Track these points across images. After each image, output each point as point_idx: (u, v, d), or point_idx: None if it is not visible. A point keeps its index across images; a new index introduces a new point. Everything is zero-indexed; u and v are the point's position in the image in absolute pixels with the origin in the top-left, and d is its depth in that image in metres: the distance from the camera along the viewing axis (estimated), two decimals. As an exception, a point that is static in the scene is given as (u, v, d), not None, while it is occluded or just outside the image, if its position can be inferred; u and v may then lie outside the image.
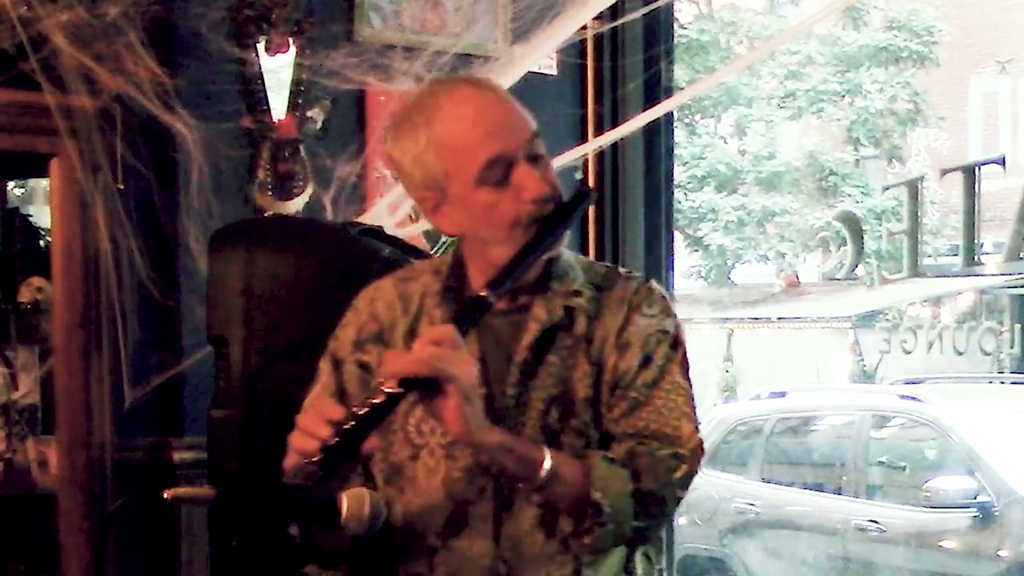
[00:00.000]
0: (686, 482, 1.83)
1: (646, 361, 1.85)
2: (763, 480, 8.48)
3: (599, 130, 3.63)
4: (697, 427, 1.86)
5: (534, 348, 1.84)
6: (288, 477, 1.69)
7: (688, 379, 1.88)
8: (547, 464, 1.73)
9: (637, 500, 1.77)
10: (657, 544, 1.97)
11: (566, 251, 1.92)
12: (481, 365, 1.82)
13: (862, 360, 14.93)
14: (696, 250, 16.02)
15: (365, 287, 1.98)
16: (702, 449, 1.86)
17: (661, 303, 1.90)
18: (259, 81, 3.12)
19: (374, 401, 1.67)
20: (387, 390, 1.67)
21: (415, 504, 1.86)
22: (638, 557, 1.91)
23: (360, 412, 1.67)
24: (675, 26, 4.29)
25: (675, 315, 1.91)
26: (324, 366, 1.94)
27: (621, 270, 1.95)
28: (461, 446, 1.80)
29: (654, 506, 1.80)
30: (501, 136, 1.79)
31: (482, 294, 1.78)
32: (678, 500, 1.84)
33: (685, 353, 1.90)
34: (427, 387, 1.67)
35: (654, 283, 1.93)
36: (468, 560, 1.83)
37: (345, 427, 1.66)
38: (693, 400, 1.88)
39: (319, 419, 1.68)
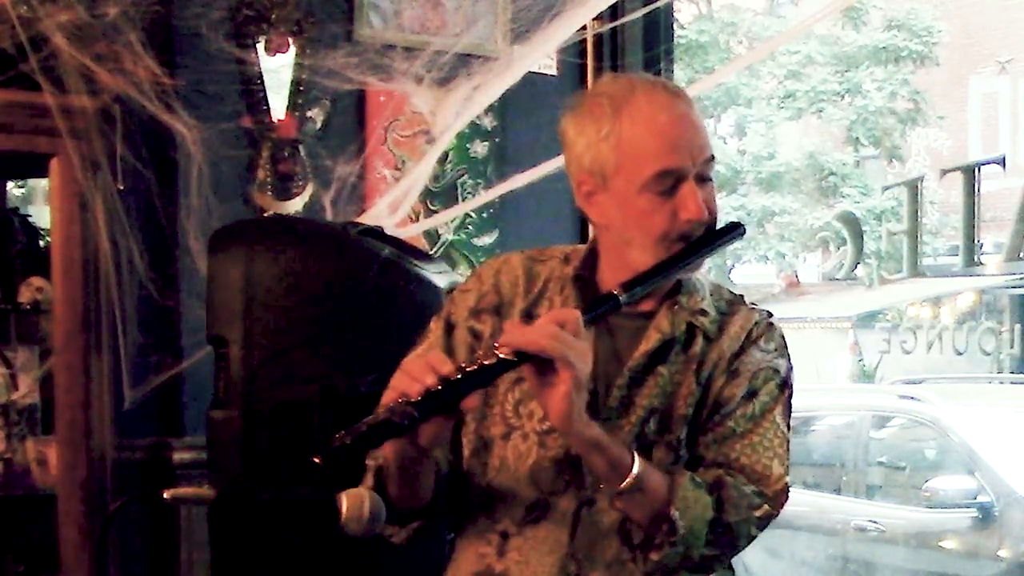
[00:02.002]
0: (765, 523, 1.82)
1: (751, 394, 1.85)
2: (763, 480, 8.46)
3: (599, 130, 3.63)
4: (787, 471, 1.85)
5: (649, 357, 1.84)
6: (378, 412, 1.65)
7: (789, 424, 1.88)
8: (635, 471, 1.72)
9: (713, 529, 1.76)
10: (729, 573, 1.95)
11: (700, 270, 1.92)
12: (594, 361, 1.80)
13: (862, 360, 14.94)
14: (696, 250, 15.99)
15: (493, 259, 1.98)
16: (787, 494, 1.86)
17: (779, 341, 1.91)
18: (259, 81, 3.12)
19: (485, 363, 1.67)
20: (501, 355, 1.66)
21: (498, 484, 1.85)
22: None
23: (469, 369, 1.67)
24: (675, 26, 4.29)
25: (789, 357, 1.91)
26: (435, 326, 1.93)
27: (748, 301, 1.95)
28: (556, 434, 1.79)
29: (728, 538, 1.79)
30: (681, 151, 1.79)
31: (615, 292, 1.78)
32: (752, 538, 1.83)
33: (791, 397, 1.90)
34: (540, 365, 1.67)
35: (776, 320, 1.93)
36: (541, 552, 1.82)
37: (450, 379, 1.65)
38: (788, 444, 1.88)
39: (427, 366, 1.67)
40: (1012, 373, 13.06)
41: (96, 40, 2.67)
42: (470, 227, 3.55)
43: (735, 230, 1.89)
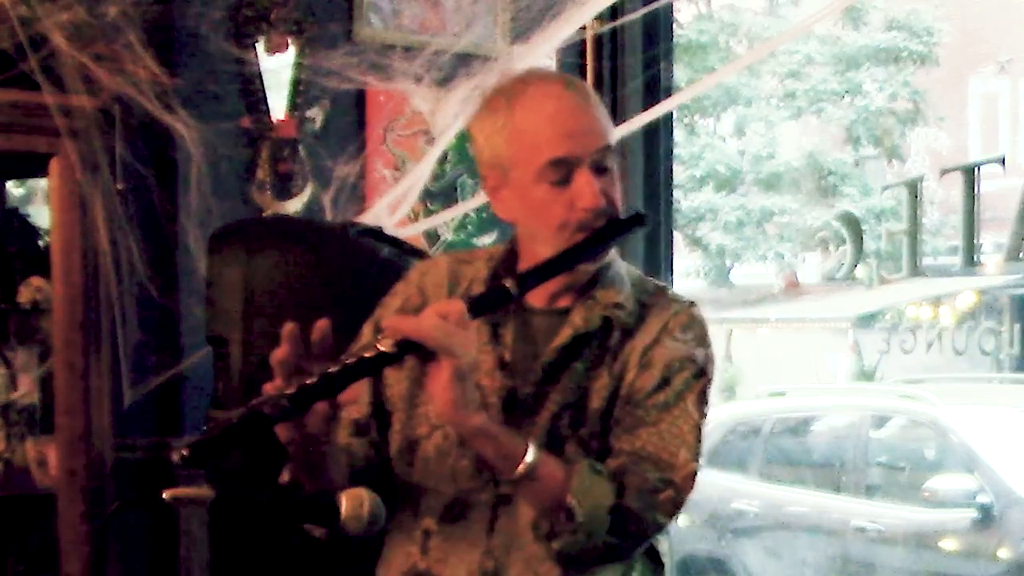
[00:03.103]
0: (670, 508, 1.81)
1: (664, 383, 1.84)
2: (763, 480, 8.47)
3: (599, 130, 3.63)
4: (695, 457, 1.84)
5: (563, 352, 1.84)
6: (257, 399, 1.65)
7: (702, 412, 1.87)
8: (528, 460, 1.72)
9: (615, 515, 1.76)
10: (655, 565, 1.95)
11: (621, 263, 1.92)
12: (511, 359, 1.84)
13: (862, 360, 14.93)
14: (696, 250, 16.01)
15: (420, 263, 2.01)
16: (694, 479, 1.84)
17: (698, 331, 1.89)
18: (259, 81, 3.12)
19: (364, 355, 1.67)
20: (381, 348, 1.67)
21: (420, 483, 1.87)
22: (635, 574, 1.90)
23: (347, 361, 1.67)
24: (675, 26, 4.29)
25: (709, 346, 1.90)
26: (367, 329, 1.94)
27: (670, 292, 1.95)
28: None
29: (632, 525, 1.78)
30: (572, 139, 1.80)
31: (506, 284, 1.78)
32: (660, 526, 1.82)
33: (707, 385, 1.88)
34: (424, 356, 1.67)
35: (698, 311, 1.92)
36: (460, 549, 1.84)
37: (327, 370, 1.66)
38: (700, 432, 1.85)
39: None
40: (1012, 373, 13.04)
41: (96, 40, 2.67)
42: (470, 227, 3.55)
43: (635, 221, 1.88)
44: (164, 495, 1.62)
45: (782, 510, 8.17)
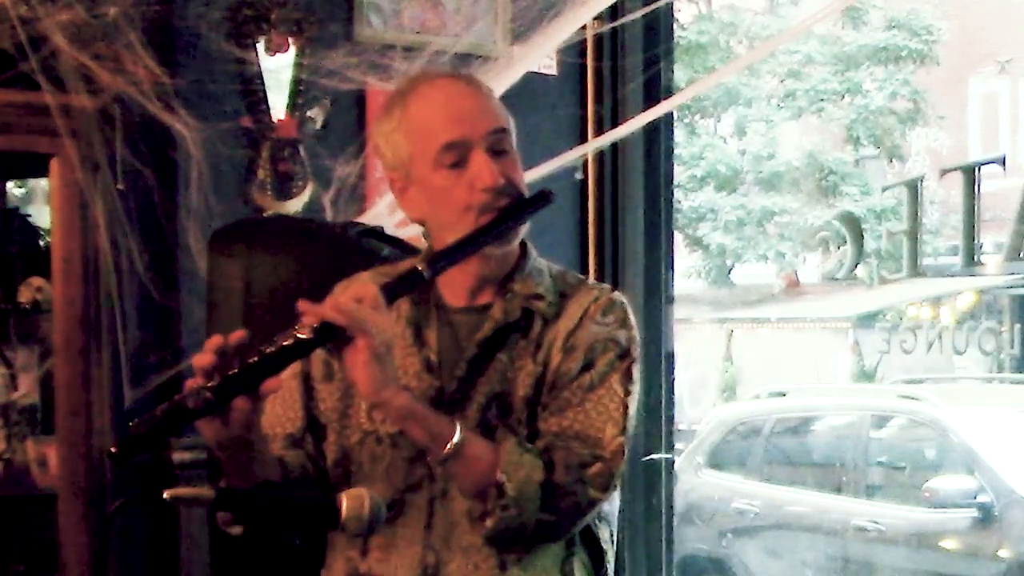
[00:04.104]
0: (601, 482, 1.82)
1: (587, 366, 1.87)
2: (763, 480, 8.47)
3: (599, 130, 3.64)
4: (623, 432, 1.85)
5: (485, 345, 1.88)
6: (179, 395, 1.67)
7: (627, 390, 1.88)
8: (455, 438, 1.75)
9: (545, 491, 1.78)
10: (595, 555, 1.95)
11: (539, 258, 1.96)
12: (436, 357, 1.88)
13: (862, 360, 14.93)
14: (696, 250, 16.02)
15: (345, 279, 2.00)
16: (622, 453, 1.85)
17: (619, 314, 1.92)
18: (259, 81, 3.12)
19: (283, 343, 1.68)
20: (299, 335, 1.68)
21: (356, 486, 1.86)
22: (576, 563, 1.91)
23: (266, 350, 1.68)
24: (675, 26, 4.29)
25: (631, 328, 1.92)
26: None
27: (591, 282, 1.98)
28: (379, 410, 1.82)
29: (564, 500, 1.80)
30: (463, 122, 1.85)
31: (418, 267, 1.81)
32: (592, 501, 1.83)
33: (631, 366, 1.90)
34: (340, 341, 1.69)
35: (618, 295, 1.95)
36: (400, 547, 1.86)
37: (248, 360, 1.67)
38: (627, 410, 1.87)
39: (216, 339, 1.70)
40: (1012, 373, 13.05)
41: (96, 40, 2.67)
42: (470, 227, 3.54)
43: (541, 199, 1.91)
44: (164, 495, 1.62)
45: (782, 510, 8.17)
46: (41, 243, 2.99)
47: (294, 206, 3.15)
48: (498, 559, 1.84)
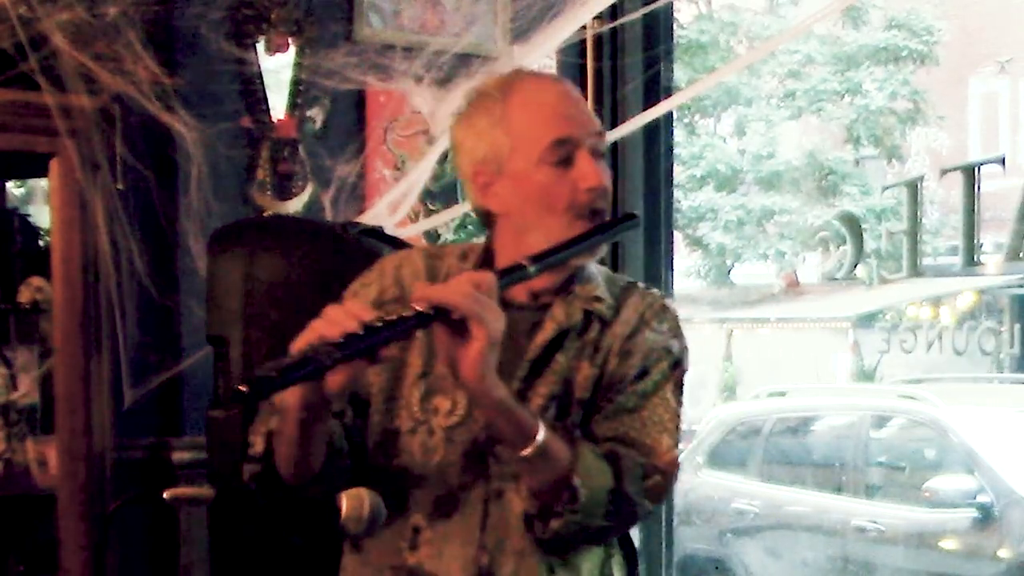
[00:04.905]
0: (657, 494, 1.85)
1: (643, 373, 1.88)
2: (763, 480, 8.48)
3: (599, 130, 3.63)
4: (676, 444, 1.88)
5: (546, 347, 1.88)
6: (300, 350, 1.66)
7: (679, 401, 1.92)
8: (540, 437, 1.74)
9: (612, 499, 1.79)
10: (629, 554, 1.99)
11: (592, 263, 1.96)
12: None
13: (862, 360, 14.93)
14: (696, 250, 16.02)
15: (392, 254, 2.01)
16: (677, 465, 1.88)
17: (672, 322, 1.95)
18: (259, 81, 3.12)
19: (404, 315, 1.68)
20: (419, 308, 1.68)
21: (405, 478, 1.87)
22: (615, 564, 1.93)
23: (388, 319, 1.68)
24: (675, 26, 4.28)
25: (683, 337, 1.95)
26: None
27: (640, 285, 1.99)
28: (463, 428, 1.83)
29: (626, 509, 1.82)
30: (572, 121, 1.86)
31: (522, 262, 1.80)
32: (648, 512, 1.86)
33: (683, 376, 1.93)
34: (453, 323, 1.68)
35: (670, 302, 1.98)
36: (453, 545, 1.85)
37: (370, 325, 1.66)
38: (679, 420, 1.90)
39: (349, 313, 1.69)
40: (1012, 373, 13.04)
41: (96, 40, 2.67)
42: (470, 227, 3.55)
43: (631, 219, 1.98)
44: (164, 495, 1.62)
45: (782, 510, 8.17)
46: (41, 243, 2.99)
47: (294, 206, 3.15)
48: (546, 564, 1.85)
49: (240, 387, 1.60)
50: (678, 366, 1.92)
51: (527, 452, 1.74)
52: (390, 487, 1.87)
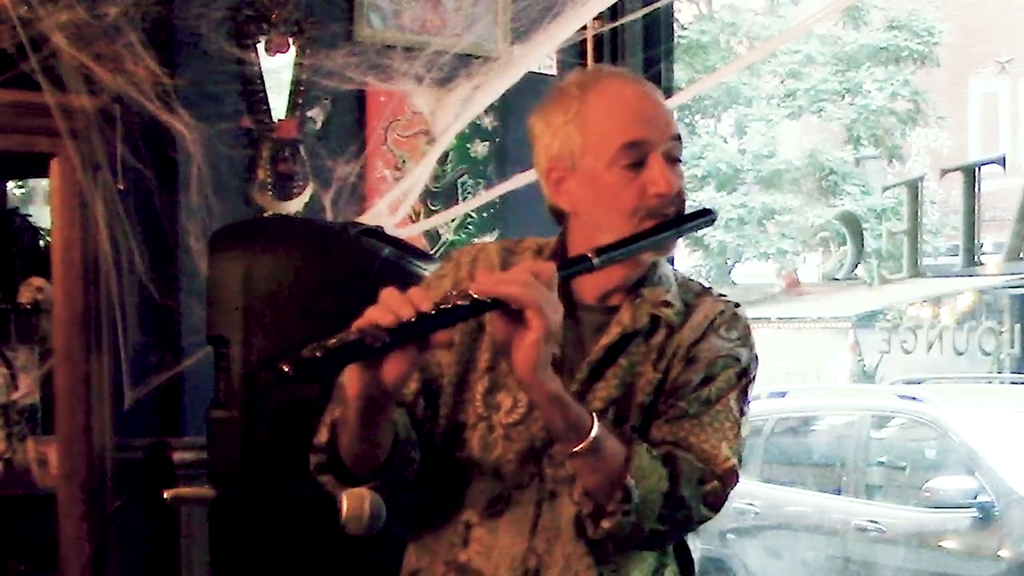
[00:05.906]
0: (714, 501, 1.81)
1: (707, 380, 1.84)
2: (763, 480, 8.48)
3: (599, 130, 3.63)
4: (736, 454, 1.84)
5: (609, 350, 1.85)
6: (351, 333, 1.61)
7: (743, 411, 1.87)
8: (594, 433, 1.71)
9: (666, 501, 1.76)
10: (684, 566, 1.94)
11: (667, 265, 1.93)
12: (561, 353, 1.82)
13: (862, 360, 14.94)
14: (696, 249, 16.03)
15: (468, 247, 1.98)
16: (735, 474, 1.83)
17: (742, 330, 1.90)
18: (259, 81, 3.12)
19: (460, 302, 1.66)
20: (475, 296, 1.65)
21: (463, 474, 1.86)
22: (668, 574, 1.89)
23: (443, 306, 1.65)
24: (675, 26, 4.29)
25: (753, 347, 1.91)
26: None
27: (715, 291, 1.95)
28: (522, 427, 1.81)
29: (680, 512, 1.78)
30: (647, 124, 1.82)
31: (587, 253, 1.77)
32: (703, 518, 1.82)
33: (749, 386, 1.89)
34: (511, 313, 1.65)
35: (743, 310, 1.93)
36: (503, 544, 1.83)
37: (424, 312, 1.64)
38: (740, 430, 1.86)
39: (405, 300, 1.65)
40: (1012, 373, 13.05)
41: (96, 40, 2.67)
42: (470, 227, 3.55)
43: (707, 215, 1.89)
44: (164, 495, 1.62)
45: (782, 510, 8.18)
46: (41, 243, 2.99)
47: (294, 206, 3.15)
48: (596, 569, 1.82)
49: (283, 366, 1.56)
50: (745, 375, 1.88)
51: (581, 447, 1.71)
52: (449, 481, 1.86)
